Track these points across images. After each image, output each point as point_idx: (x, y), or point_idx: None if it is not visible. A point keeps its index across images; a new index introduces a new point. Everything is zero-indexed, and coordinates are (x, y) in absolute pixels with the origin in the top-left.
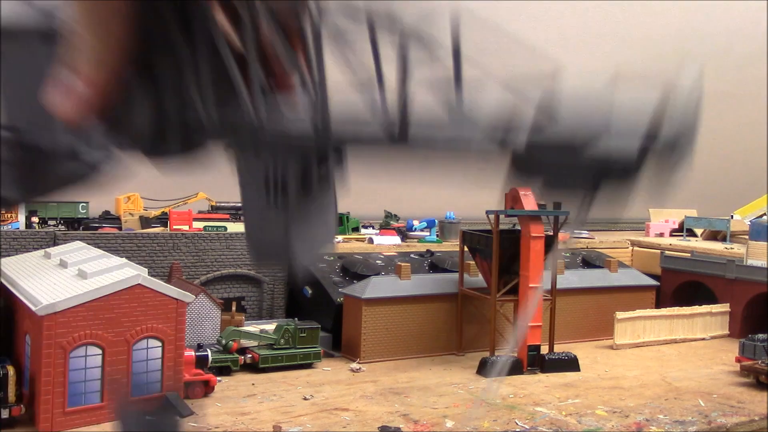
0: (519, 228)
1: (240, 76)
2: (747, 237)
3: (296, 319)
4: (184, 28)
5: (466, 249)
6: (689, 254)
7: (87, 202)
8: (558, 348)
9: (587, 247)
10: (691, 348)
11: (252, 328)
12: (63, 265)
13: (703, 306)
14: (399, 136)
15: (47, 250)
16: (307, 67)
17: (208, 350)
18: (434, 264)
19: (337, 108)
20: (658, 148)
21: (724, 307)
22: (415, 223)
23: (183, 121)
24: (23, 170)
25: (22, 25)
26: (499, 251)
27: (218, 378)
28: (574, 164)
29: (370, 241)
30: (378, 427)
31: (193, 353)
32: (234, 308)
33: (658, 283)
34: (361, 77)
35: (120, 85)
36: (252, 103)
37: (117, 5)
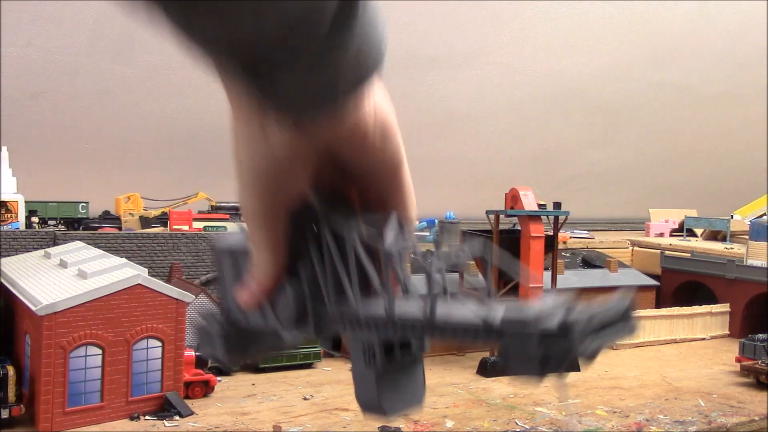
0: (519, 228)
1: (348, 280)
2: (747, 237)
3: None
4: (318, 247)
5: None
6: (689, 254)
7: (87, 202)
8: None
9: (587, 247)
10: (691, 348)
11: None
12: (63, 265)
13: (703, 306)
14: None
15: (47, 250)
16: (382, 278)
17: None
18: None
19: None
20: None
21: (724, 307)
22: (415, 223)
23: (316, 311)
24: (231, 341)
25: (237, 245)
26: (499, 251)
27: (218, 378)
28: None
29: None
30: (378, 427)
31: (193, 353)
32: None
33: (658, 283)
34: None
35: (278, 286)
36: (354, 299)
37: (280, 242)
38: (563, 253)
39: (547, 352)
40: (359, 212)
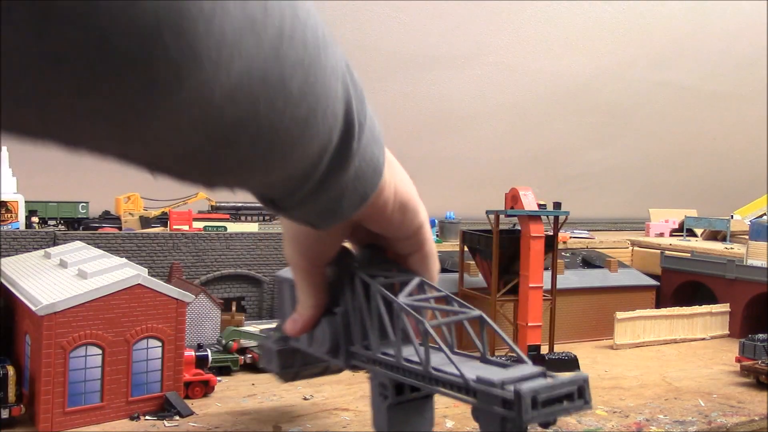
0: (519, 228)
1: (370, 324)
2: (747, 237)
3: None
4: (353, 292)
5: (466, 249)
6: (689, 254)
7: (87, 202)
8: (558, 348)
9: (587, 247)
10: (691, 348)
11: (252, 328)
12: (63, 265)
13: (703, 306)
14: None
15: (47, 250)
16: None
17: (208, 350)
18: None
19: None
20: None
21: (724, 307)
22: None
23: (346, 346)
24: (286, 359)
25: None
26: (499, 251)
27: (218, 378)
28: None
29: None
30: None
31: (193, 353)
32: (234, 308)
33: (658, 283)
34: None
35: (317, 320)
36: (374, 342)
37: (319, 287)
38: (563, 253)
39: (506, 414)
40: (393, 265)
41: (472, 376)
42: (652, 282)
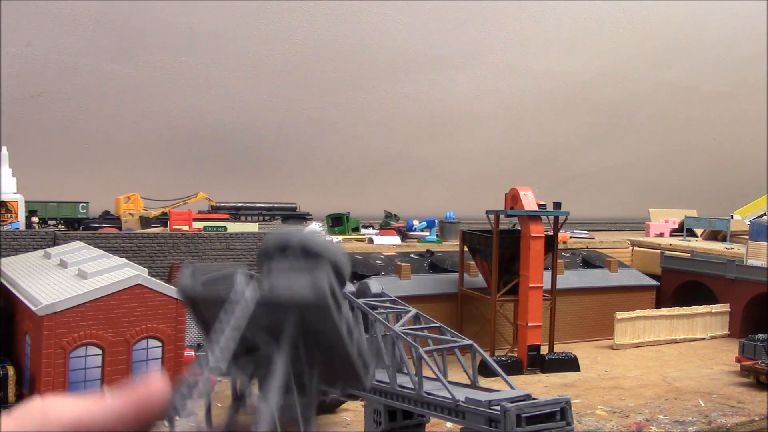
0: (519, 228)
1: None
2: (747, 237)
3: None
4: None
5: (466, 249)
6: (689, 254)
7: (87, 202)
8: (558, 348)
9: (587, 247)
10: (691, 348)
11: None
12: (63, 265)
13: (703, 306)
14: None
15: (47, 250)
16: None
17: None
18: (434, 264)
19: None
20: None
21: (724, 307)
22: (415, 223)
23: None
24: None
25: None
26: (499, 251)
27: (218, 378)
28: None
29: (370, 241)
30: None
31: (193, 353)
32: None
33: (658, 283)
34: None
35: None
36: (371, 370)
37: None
38: (563, 253)
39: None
40: (389, 298)
41: (461, 398)
42: (652, 282)
